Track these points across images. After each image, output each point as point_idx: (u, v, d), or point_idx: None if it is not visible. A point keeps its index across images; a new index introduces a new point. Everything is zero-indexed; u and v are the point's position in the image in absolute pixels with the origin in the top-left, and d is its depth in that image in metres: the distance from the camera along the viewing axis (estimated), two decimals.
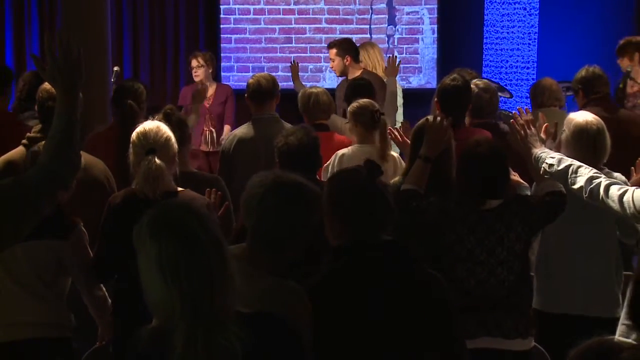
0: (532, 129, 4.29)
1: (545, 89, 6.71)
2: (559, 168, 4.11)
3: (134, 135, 4.15)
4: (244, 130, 5.93)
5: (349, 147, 5.53)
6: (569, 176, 4.08)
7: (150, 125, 4.17)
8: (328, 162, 5.43)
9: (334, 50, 7.70)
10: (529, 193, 4.59)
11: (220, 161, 5.93)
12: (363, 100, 5.66)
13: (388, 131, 5.34)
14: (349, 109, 5.65)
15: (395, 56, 7.59)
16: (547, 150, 4.23)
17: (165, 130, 4.17)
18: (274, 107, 5.96)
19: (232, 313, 2.33)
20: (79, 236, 4.11)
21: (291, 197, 2.86)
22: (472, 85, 5.61)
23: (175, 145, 4.17)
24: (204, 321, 2.27)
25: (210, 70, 8.44)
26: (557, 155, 4.18)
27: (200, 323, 2.27)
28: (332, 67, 7.82)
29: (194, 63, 8.37)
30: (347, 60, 7.60)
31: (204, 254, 2.32)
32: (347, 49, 7.69)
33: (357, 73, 7.58)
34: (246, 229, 2.93)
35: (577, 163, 4.08)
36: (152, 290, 2.33)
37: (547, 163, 4.16)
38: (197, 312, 2.28)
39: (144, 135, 4.10)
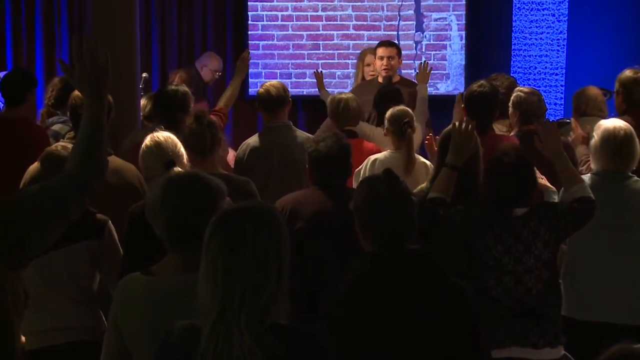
0: None
1: (590, 99, 6.46)
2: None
3: (144, 147, 4.19)
4: (256, 139, 5.92)
5: (382, 153, 5.54)
6: None
7: (162, 136, 4.22)
8: (360, 167, 5.44)
9: (394, 50, 7.53)
10: (556, 197, 4.57)
11: (235, 170, 5.91)
12: (399, 109, 5.68)
13: (427, 138, 5.25)
14: (387, 114, 5.66)
15: (427, 62, 7.38)
16: None
17: (176, 139, 4.23)
18: (286, 114, 5.92)
19: (260, 324, 2.29)
20: (110, 233, 4.22)
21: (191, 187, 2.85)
22: (518, 92, 5.58)
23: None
24: (227, 325, 2.27)
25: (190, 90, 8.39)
26: None
27: (223, 326, 2.27)
28: (386, 67, 7.42)
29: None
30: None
31: (244, 260, 2.30)
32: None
33: (398, 77, 7.57)
34: None
35: None
36: (198, 282, 2.35)
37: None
38: (223, 315, 2.27)
39: (159, 147, 4.15)
